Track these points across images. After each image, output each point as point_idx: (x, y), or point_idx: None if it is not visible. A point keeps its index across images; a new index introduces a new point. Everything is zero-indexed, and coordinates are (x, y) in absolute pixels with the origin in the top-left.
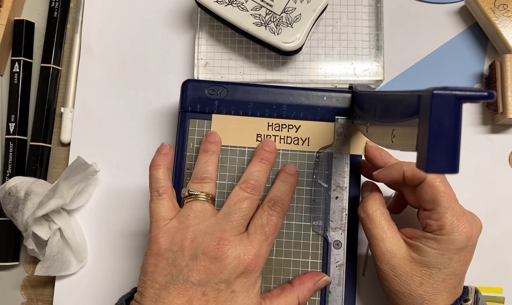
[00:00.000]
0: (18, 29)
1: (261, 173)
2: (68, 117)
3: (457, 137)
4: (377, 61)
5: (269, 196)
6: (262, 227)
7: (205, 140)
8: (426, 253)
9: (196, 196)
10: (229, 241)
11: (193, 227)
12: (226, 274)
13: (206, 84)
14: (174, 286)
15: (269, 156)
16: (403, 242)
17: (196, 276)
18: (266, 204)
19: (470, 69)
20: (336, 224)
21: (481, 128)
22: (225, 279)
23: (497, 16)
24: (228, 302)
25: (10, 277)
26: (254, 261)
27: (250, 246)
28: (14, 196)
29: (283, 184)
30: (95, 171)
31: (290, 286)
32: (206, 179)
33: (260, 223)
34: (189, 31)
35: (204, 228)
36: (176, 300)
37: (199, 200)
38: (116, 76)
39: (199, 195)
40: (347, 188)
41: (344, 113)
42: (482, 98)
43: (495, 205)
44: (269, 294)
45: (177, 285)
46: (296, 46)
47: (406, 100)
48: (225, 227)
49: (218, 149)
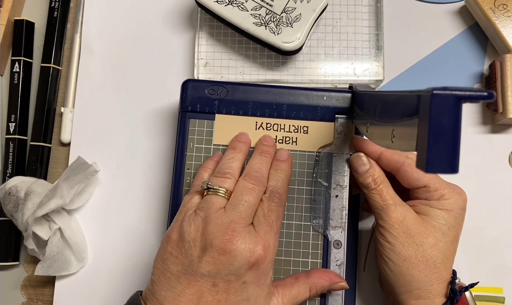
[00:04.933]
0: (18, 29)
1: (262, 165)
2: (68, 117)
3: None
4: (377, 61)
5: (267, 187)
6: (265, 218)
7: (235, 139)
8: (435, 215)
9: (215, 191)
10: (238, 232)
11: (205, 218)
12: (236, 266)
13: (206, 84)
14: (185, 276)
15: (269, 149)
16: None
17: (206, 267)
18: (264, 196)
19: (470, 69)
20: (336, 222)
21: (481, 128)
22: (235, 271)
23: (497, 16)
24: (239, 293)
25: (10, 277)
26: (264, 252)
27: (258, 238)
28: (14, 196)
29: (277, 173)
30: (95, 171)
31: (304, 278)
32: (228, 175)
33: (262, 214)
34: (189, 31)
35: (214, 219)
36: (186, 290)
37: (216, 195)
38: (116, 76)
39: (218, 190)
40: (347, 186)
41: (344, 113)
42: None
43: (495, 205)
44: (282, 283)
45: (187, 275)
46: (296, 46)
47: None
48: (233, 218)
49: (246, 149)
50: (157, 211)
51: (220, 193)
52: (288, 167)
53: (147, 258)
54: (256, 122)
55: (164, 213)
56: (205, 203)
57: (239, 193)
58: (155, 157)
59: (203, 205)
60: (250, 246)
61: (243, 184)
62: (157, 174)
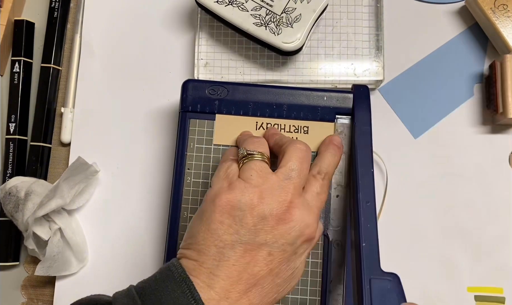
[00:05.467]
0: (18, 29)
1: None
2: (68, 117)
3: None
4: (377, 61)
5: (319, 167)
6: (318, 196)
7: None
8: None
9: (253, 156)
10: (295, 203)
11: (259, 187)
12: (294, 235)
13: (206, 84)
14: (241, 245)
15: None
16: None
17: (264, 236)
18: (318, 175)
19: (470, 69)
20: (337, 222)
21: (481, 128)
22: (292, 241)
23: (497, 16)
24: (291, 263)
25: (10, 277)
26: (317, 226)
27: (312, 212)
28: (15, 196)
29: (332, 157)
30: (96, 171)
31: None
32: (260, 141)
33: (316, 192)
34: (189, 31)
35: (269, 188)
36: (241, 259)
37: (257, 160)
38: (116, 76)
39: (256, 154)
40: (347, 186)
41: (344, 113)
42: None
43: (495, 205)
44: None
45: (244, 244)
46: (296, 46)
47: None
48: (289, 188)
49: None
50: (157, 211)
51: (258, 157)
52: (341, 155)
53: (147, 258)
54: (257, 122)
55: (164, 213)
56: (251, 170)
57: (292, 161)
58: (155, 157)
59: (250, 173)
60: (307, 218)
61: (294, 146)
62: (157, 174)
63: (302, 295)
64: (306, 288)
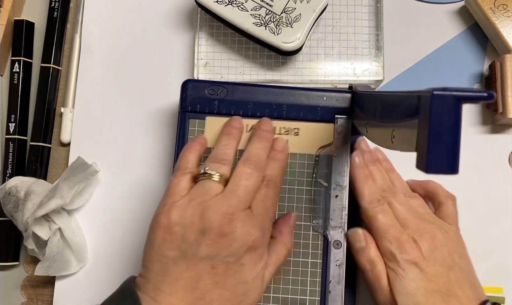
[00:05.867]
0: (18, 29)
1: (261, 150)
2: (68, 117)
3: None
4: (377, 61)
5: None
6: (262, 202)
7: (228, 124)
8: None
9: (211, 175)
10: (237, 215)
11: (203, 203)
12: (236, 247)
13: (206, 84)
14: (183, 260)
15: (268, 135)
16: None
17: (205, 250)
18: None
19: (470, 69)
20: (336, 222)
21: (481, 128)
22: (234, 253)
23: (497, 16)
24: (237, 275)
25: (10, 277)
26: (262, 235)
27: (255, 221)
28: (14, 196)
29: (274, 163)
30: (95, 171)
31: (274, 241)
32: (224, 161)
33: (260, 199)
34: (189, 31)
35: (212, 203)
36: (185, 273)
37: (212, 180)
38: (116, 76)
39: (214, 175)
40: (347, 186)
41: (344, 113)
42: (482, 98)
43: (495, 205)
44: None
45: (186, 259)
46: (296, 46)
47: (406, 101)
48: (232, 202)
49: (239, 135)
50: None
51: (215, 178)
52: (285, 158)
53: None
54: (247, 125)
55: None
56: (201, 188)
57: (238, 178)
58: (155, 157)
59: (199, 191)
60: (249, 229)
61: (242, 169)
62: (157, 174)
63: (302, 295)
64: (306, 288)
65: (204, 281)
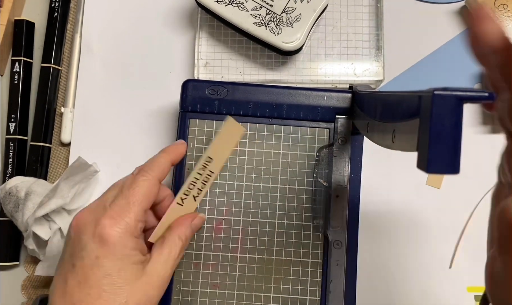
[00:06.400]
0: (18, 29)
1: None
2: (68, 117)
3: (458, 138)
4: (377, 61)
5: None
6: (110, 193)
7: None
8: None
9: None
10: (83, 211)
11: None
12: (85, 240)
13: (206, 84)
14: (59, 265)
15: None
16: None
17: (67, 250)
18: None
19: (470, 69)
20: (337, 222)
21: (481, 128)
22: (84, 246)
23: (497, 16)
24: (97, 269)
25: (10, 277)
26: (109, 225)
27: (105, 211)
28: (15, 196)
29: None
30: (96, 171)
31: (169, 231)
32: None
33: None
34: (189, 31)
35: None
36: (59, 278)
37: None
38: (116, 76)
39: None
40: (347, 186)
41: (344, 113)
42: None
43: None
44: (153, 247)
45: (60, 264)
46: (296, 46)
47: (407, 101)
48: (90, 205)
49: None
50: None
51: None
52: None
53: None
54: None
55: None
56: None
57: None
58: None
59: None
60: (93, 219)
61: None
62: None
63: (302, 295)
64: (306, 288)
65: (69, 282)
